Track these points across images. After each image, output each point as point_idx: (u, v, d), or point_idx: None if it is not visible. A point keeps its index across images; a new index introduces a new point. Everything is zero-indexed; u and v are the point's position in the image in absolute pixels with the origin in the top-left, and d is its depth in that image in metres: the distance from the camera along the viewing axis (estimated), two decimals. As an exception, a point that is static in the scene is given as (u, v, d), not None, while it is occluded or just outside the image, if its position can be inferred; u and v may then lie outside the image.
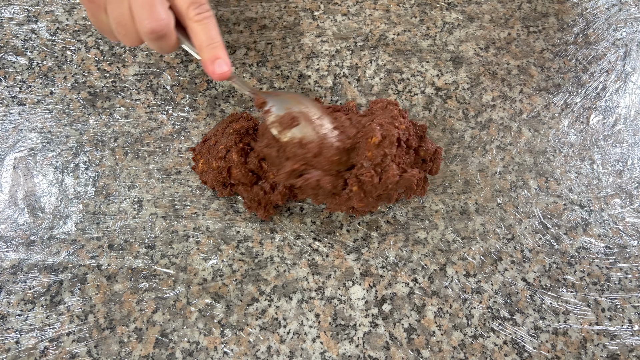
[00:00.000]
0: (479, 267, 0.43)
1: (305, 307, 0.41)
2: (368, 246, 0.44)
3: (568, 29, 0.55)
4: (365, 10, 0.55)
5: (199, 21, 0.37)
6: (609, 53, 0.53)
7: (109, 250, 0.43)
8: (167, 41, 0.38)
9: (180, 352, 0.39)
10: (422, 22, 0.54)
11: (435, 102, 0.50)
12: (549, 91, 0.51)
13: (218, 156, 0.42)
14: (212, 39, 0.38)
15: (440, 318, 0.41)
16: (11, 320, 0.40)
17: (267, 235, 0.44)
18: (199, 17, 0.37)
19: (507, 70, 0.52)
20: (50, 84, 0.50)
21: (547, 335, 0.41)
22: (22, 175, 0.46)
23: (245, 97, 0.50)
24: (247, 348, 0.40)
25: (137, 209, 0.45)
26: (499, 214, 0.45)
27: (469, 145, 0.48)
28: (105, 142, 0.47)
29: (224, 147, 0.42)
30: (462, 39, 0.53)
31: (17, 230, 0.44)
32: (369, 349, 0.40)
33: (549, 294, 0.42)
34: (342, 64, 0.52)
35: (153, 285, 0.42)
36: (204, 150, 0.44)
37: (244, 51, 0.52)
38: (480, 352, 0.40)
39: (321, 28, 0.53)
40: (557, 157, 0.48)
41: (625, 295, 0.42)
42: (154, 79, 0.50)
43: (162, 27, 0.36)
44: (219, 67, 0.38)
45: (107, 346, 0.39)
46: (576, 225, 0.45)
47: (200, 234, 0.44)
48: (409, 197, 0.44)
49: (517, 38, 0.54)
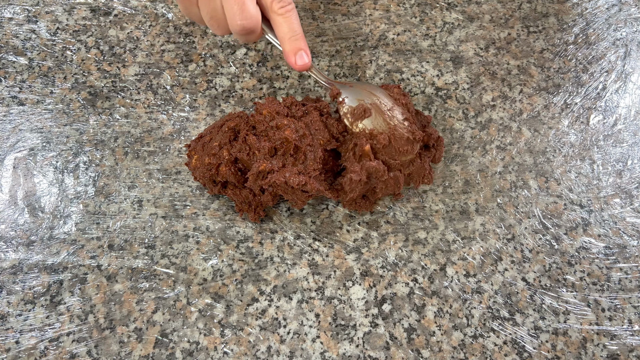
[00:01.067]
0: (479, 267, 0.43)
1: (305, 307, 0.41)
2: (368, 246, 0.44)
3: (568, 29, 0.55)
4: (365, 10, 0.55)
5: (282, 14, 0.40)
6: (609, 53, 0.53)
7: (109, 250, 0.43)
8: (254, 35, 0.41)
9: (180, 352, 0.39)
10: (422, 22, 0.54)
11: (435, 102, 0.50)
12: (549, 91, 0.51)
13: (211, 153, 0.42)
14: (294, 31, 0.40)
15: (440, 318, 0.41)
16: (11, 320, 0.40)
17: (267, 235, 0.44)
18: (282, 10, 0.40)
19: (507, 70, 0.52)
20: (50, 84, 0.50)
21: (547, 335, 0.41)
22: (22, 175, 0.46)
23: (245, 97, 0.50)
24: (247, 348, 0.40)
25: (137, 209, 0.45)
26: (499, 214, 0.45)
27: (469, 145, 0.48)
28: (105, 142, 0.47)
29: (217, 144, 0.42)
30: (462, 39, 0.53)
31: (17, 230, 0.44)
32: (369, 349, 0.40)
33: (549, 294, 0.42)
34: (342, 64, 0.52)
35: (153, 285, 0.42)
36: (198, 146, 0.44)
37: (244, 51, 0.52)
38: (480, 352, 0.40)
39: (321, 28, 0.53)
40: (557, 157, 0.48)
41: (625, 295, 0.42)
42: (154, 79, 0.50)
43: (253, 25, 0.39)
44: (300, 58, 0.41)
45: (107, 346, 0.39)
46: (576, 225, 0.45)
47: (200, 234, 0.44)
48: (417, 184, 0.44)
49: (517, 38, 0.54)
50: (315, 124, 0.42)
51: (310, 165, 0.41)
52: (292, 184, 0.40)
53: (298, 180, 0.40)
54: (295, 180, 0.40)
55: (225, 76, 0.51)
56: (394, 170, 0.42)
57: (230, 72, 0.51)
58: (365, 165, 0.41)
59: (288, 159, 0.41)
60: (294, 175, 0.40)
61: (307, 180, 0.40)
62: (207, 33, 0.53)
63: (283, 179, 0.40)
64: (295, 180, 0.40)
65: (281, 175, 0.40)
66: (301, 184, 0.40)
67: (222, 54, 0.52)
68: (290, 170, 0.40)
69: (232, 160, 0.42)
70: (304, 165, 0.41)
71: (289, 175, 0.40)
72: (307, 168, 0.41)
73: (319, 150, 0.41)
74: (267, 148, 0.41)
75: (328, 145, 0.42)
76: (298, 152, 0.41)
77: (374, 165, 0.40)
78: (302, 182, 0.40)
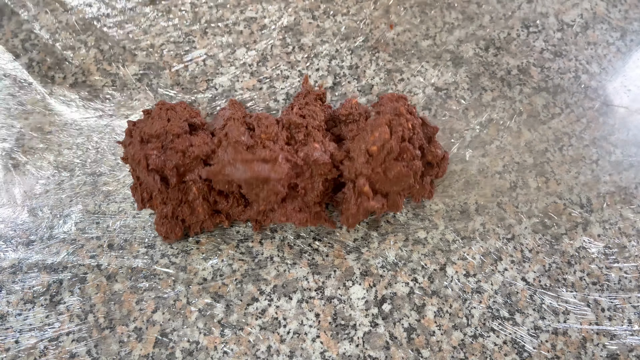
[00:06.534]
0: (479, 267, 0.43)
1: (305, 307, 0.41)
2: (368, 246, 0.44)
3: (568, 29, 0.55)
4: (365, 10, 0.55)
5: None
6: (609, 53, 0.53)
7: (109, 250, 0.43)
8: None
9: (180, 352, 0.39)
10: (422, 22, 0.54)
11: (435, 102, 0.50)
12: (549, 91, 0.51)
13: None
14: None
15: (440, 318, 0.41)
16: (11, 319, 0.40)
17: (267, 235, 0.44)
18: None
19: (507, 70, 0.52)
20: (50, 84, 0.50)
21: (547, 335, 0.41)
22: (21, 174, 0.46)
23: (245, 97, 0.50)
24: (247, 348, 0.40)
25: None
26: (499, 214, 0.45)
27: (469, 145, 0.48)
28: (104, 141, 0.47)
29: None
30: (462, 39, 0.53)
31: (17, 230, 0.44)
32: (369, 348, 0.40)
33: (548, 293, 0.42)
34: (342, 64, 0.52)
35: (153, 284, 0.42)
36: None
37: (244, 51, 0.52)
38: (480, 352, 0.40)
39: (321, 28, 0.53)
40: (557, 157, 0.48)
41: (625, 295, 0.42)
42: (154, 79, 0.50)
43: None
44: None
45: (107, 346, 0.39)
46: (576, 225, 0.45)
47: (200, 234, 0.44)
48: (417, 200, 0.43)
49: (517, 38, 0.54)
50: (315, 154, 0.39)
51: (311, 199, 0.40)
52: (293, 221, 0.40)
53: (299, 218, 0.40)
54: (296, 219, 0.40)
55: (225, 76, 0.51)
56: (393, 195, 0.41)
57: (230, 72, 0.51)
58: (362, 205, 0.39)
59: (287, 196, 0.41)
60: (295, 213, 0.40)
61: (307, 217, 0.40)
62: (207, 33, 0.53)
63: (284, 217, 0.40)
64: (296, 220, 0.40)
65: (282, 215, 0.40)
66: (302, 222, 0.40)
67: (222, 53, 0.52)
68: (292, 207, 0.40)
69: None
70: (304, 200, 0.41)
71: (290, 214, 0.40)
72: (307, 203, 0.41)
73: (319, 183, 0.40)
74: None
75: (329, 175, 0.40)
76: (297, 188, 0.40)
77: (372, 205, 0.39)
78: (303, 220, 0.40)
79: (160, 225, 0.41)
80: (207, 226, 0.42)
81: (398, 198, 0.41)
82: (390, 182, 0.39)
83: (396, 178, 0.39)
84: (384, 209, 0.40)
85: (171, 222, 0.41)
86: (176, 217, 0.41)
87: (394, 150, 0.39)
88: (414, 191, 0.43)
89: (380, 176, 0.39)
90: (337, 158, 0.40)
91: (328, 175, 0.40)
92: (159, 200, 0.40)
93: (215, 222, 0.42)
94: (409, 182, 0.40)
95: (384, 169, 0.39)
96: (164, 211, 0.40)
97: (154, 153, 0.39)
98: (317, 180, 0.40)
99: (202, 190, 0.40)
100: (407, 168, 0.40)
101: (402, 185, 0.40)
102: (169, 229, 0.41)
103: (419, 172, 0.41)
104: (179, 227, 0.41)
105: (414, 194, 0.43)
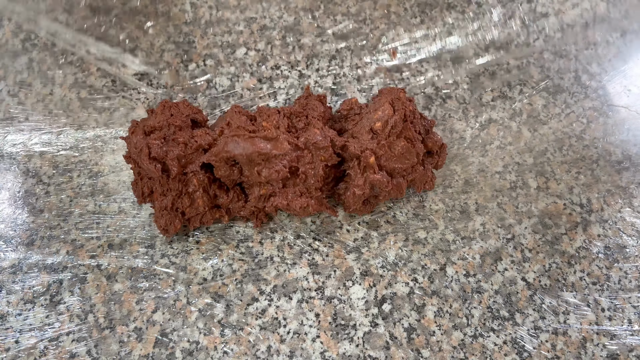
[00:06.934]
0: (479, 267, 0.43)
1: (305, 307, 0.41)
2: (368, 246, 0.44)
3: (568, 29, 0.55)
4: (365, 10, 0.55)
5: None
6: (609, 53, 0.53)
7: (109, 250, 0.43)
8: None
9: (180, 352, 0.39)
10: (422, 22, 0.54)
11: (435, 102, 0.50)
12: (549, 91, 0.51)
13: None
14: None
15: (440, 318, 0.41)
16: (11, 319, 0.40)
17: (267, 235, 0.44)
18: None
19: (507, 70, 0.52)
20: (50, 84, 0.50)
21: (547, 335, 0.41)
22: (21, 174, 0.46)
23: (245, 97, 0.50)
24: (247, 348, 0.40)
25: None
26: (499, 214, 0.45)
27: (469, 146, 0.48)
28: (105, 141, 0.47)
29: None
30: (462, 39, 0.53)
31: (17, 230, 0.44)
32: (369, 348, 0.40)
33: (549, 293, 0.42)
34: (342, 64, 0.52)
35: (153, 285, 0.42)
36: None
37: (244, 51, 0.52)
38: (480, 352, 0.40)
39: (321, 28, 0.53)
40: (557, 157, 0.48)
41: (625, 295, 0.42)
42: (153, 78, 0.50)
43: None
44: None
45: (107, 346, 0.39)
46: (576, 225, 0.45)
47: (200, 234, 0.44)
48: (419, 189, 0.44)
49: (517, 38, 0.54)
50: (316, 137, 0.40)
51: (312, 184, 0.41)
52: (294, 207, 0.40)
53: (300, 203, 0.40)
54: (297, 203, 0.40)
55: (225, 76, 0.51)
56: (397, 177, 0.42)
57: (230, 72, 0.51)
58: (369, 178, 0.40)
59: (289, 181, 0.41)
60: (296, 198, 0.41)
61: (308, 202, 0.41)
62: (207, 33, 0.53)
63: (285, 201, 0.40)
64: (297, 204, 0.40)
65: (283, 198, 0.40)
66: (303, 207, 0.40)
67: (222, 53, 0.52)
68: (293, 191, 0.41)
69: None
70: (305, 185, 0.41)
71: (291, 198, 0.41)
72: (308, 188, 0.41)
73: (319, 168, 0.40)
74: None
75: (329, 161, 0.41)
76: (298, 172, 0.41)
77: (378, 178, 0.40)
78: (304, 205, 0.40)
79: (159, 217, 0.41)
80: (207, 220, 0.42)
81: (402, 181, 0.42)
82: (395, 158, 0.41)
83: (401, 154, 0.41)
84: (389, 187, 0.41)
85: (170, 214, 0.41)
86: (176, 209, 0.41)
87: (398, 125, 0.40)
88: (417, 175, 0.43)
89: (385, 150, 0.40)
90: (337, 144, 0.41)
91: (328, 161, 0.41)
92: (159, 192, 0.40)
93: (214, 216, 0.42)
94: (413, 161, 0.41)
95: (389, 143, 0.40)
96: (163, 202, 0.40)
97: (157, 143, 0.39)
98: (318, 166, 0.40)
99: (203, 182, 0.40)
100: (410, 144, 0.41)
101: (407, 163, 0.41)
102: (168, 221, 0.41)
103: (421, 154, 0.42)
104: (179, 219, 0.41)
105: (416, 182, 0.43)
